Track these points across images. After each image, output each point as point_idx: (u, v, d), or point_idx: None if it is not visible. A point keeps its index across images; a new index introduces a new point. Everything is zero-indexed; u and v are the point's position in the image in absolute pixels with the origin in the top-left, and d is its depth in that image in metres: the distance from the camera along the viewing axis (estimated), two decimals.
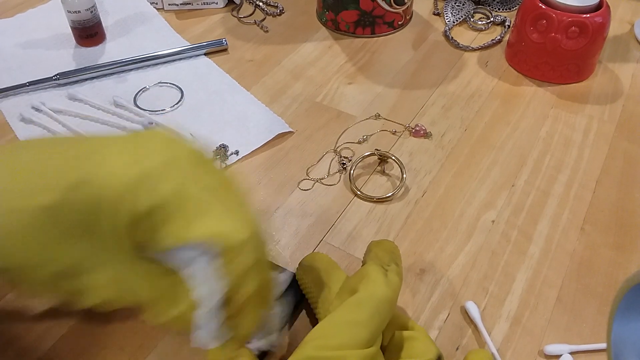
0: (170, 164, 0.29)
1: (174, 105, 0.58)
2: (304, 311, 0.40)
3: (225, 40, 0.65)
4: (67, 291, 0.31)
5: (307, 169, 0.51)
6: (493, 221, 0.47)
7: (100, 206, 0.28)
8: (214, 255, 0.29)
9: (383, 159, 0.51)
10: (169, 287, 0.31)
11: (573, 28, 0.57)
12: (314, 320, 0.38)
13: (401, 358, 0.32)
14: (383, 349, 0.33)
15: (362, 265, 0.37)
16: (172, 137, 0.31)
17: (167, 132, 0.31)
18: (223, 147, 0.52)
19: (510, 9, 0.74)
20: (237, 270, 0.29)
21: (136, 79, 0.61)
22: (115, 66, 0.61)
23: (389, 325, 0.34)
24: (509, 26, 0.70)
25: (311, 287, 0.38)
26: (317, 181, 0.50)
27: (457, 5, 0.73)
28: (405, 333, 0.34)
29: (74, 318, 0.39)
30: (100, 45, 0.66)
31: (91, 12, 0.63)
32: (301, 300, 0.39)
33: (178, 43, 0.66)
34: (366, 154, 0.51)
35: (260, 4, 0.74)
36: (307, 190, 0.49)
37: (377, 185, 0.50)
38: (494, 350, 0.37)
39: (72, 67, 0.61)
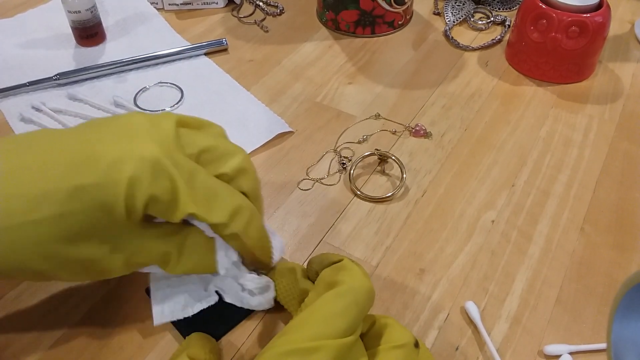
0: (161, 153, 0.31)
1: (174, 105, 0.58)
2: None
3: (225, 40, 0.65)
4: (87, 276, 0.33)
5: (307, 169, 0.51)
6: (493, 221, 0.47)
7: (102, 205, 0.30)
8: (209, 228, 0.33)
9: (383, 159, 0.51)
10: (182, 239, 0.34)
11: (573, 28, 0.57)
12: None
13: (381, 344, 0.32)
14: (361, 337, 0.33)
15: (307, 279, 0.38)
16: (154, 121, 0.33)
17: (146, 116, 0.33)
18: None
19: (510, 8, 0.74)
20: (232, 235, 0.33)
21: (136, 79, 0.61)
22: (115, 66, 0.61)
23: (367, 315, 0.33)
24: (509, 26, 0.70)
25: (285, 290, 0.38)
26: (317, 181, 0.50)
27: (457, 5, 0.73)
28: (382, 320, 0.33)
29: (73, 318, 0.39)
30: (100, 45, 0.66)
31: (91, 12, 0.63)
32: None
33: (178, 43, 0.66)
34: (366, 154, 0.51)
35: (261, 3, 0.74)
36: (307, 190, 0.49)
37: (377, 185, 0.50)
38: (494, 351, 0.37)
39: (72, 67, 0.61)
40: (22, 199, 0.29)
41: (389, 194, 0.48)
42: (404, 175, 0.49)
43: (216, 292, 0.37)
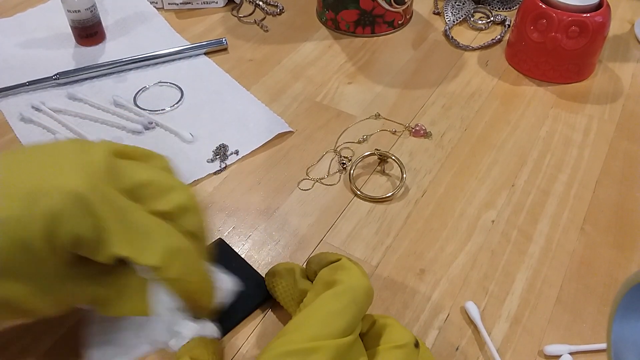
0: (92, 185, 0.28)
1: (173, 105, 0.58)
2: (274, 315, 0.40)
3: (225, 40, 0.65)
4: (13, 316, 0.31)
5: (307, 169, 0.51)
6: (493, 221, 0.46)
7: (20, 241, 0.27)
8: (143, 269, 0.30)
9: (383, 158, 0.51)
10: (115, 281, 0.32)
11: (573, 27, 0.57)
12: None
13: (381, 344, 0.32)
14: (361, 336, 0.33)
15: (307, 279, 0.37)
16: (85, 149, 0.30)
17: (77, 144, 0.30)
18: (223, 147, 0.52)
19: (510, 8, 0.74)
20: (168, 279, 0.31)
21: (136, 78, 0.61)
22: (115, 66, 0.61)
23: (366, 314, 0.33)
24: (509, 26, 0.70)
25: (284, 290, 0.38)
26: (317, 181, 0.50)
27: (457, 5, 0.73)
28: (382, 320, 0.33)
29: (73, 318, 0.39)
30: (100, 44, 0.66)
31: (91, 11, 0.63)
32: (264, 300, 0.40)
33: (178, 42, 0.66)
34: (366, 153, 0.51)
35: (260, 3, 0.74)
36: (307, 190, 0.49)
37: (377, 185, 0.50)
38: (494, 351, 0.37)
39: (72, 67, 0.61)
40: None
41: (389, 194, 0.48)
42: (404, 175, 0.49)
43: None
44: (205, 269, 0.34)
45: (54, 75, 0.59)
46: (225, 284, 0.38)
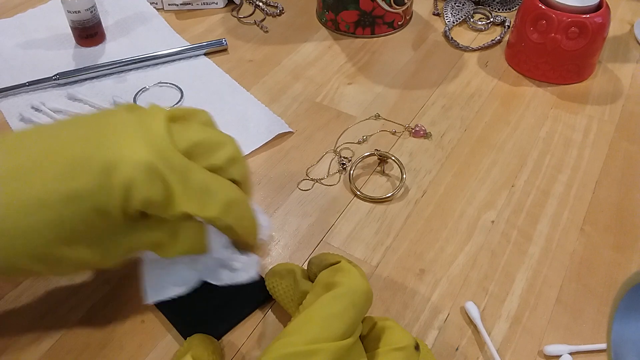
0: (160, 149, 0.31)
1: (173, 106, 0.58)
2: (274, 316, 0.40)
3: (225, 41, 0.65)
4: (82, 271, 0.37)
5: (307, 169, 0.51)
6: (493, 221, 0.47)
7: (97, 211, 0.30)
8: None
9: (383, 159, 0.51)
10: (174, 225, 0.34)
11: (573, 28, 0.57)
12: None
13: (381, 347, 0.32)
14: (362, 339, 0.33)
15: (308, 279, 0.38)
16: (143, 120, 0.33)
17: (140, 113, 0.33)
18: None
19: (510, 9, 0.74)
20: (225, 227, 0.34)
21: (136, 79, 0.61)
22: (115, 66, 0.61)
23: (366, 317, 0.33)
24: (508, 26, 0.70)
25: (284, 291, 0.38)
26: (316, 181, 0.50)
27: (457, 6, 0.73)
28: (382, 322, 0.33)
29: (73, 318, 0.39)
30: (100, 45, 0.66)
31: (91, 12, 0.63)
32: (264, 300, 0.40)
33: (178, 43, 0.66)
34: (366, 154, 0.51)
35: (260, 4, 0.74)
36: (307, 190, 0.49)
37: (377, 185, 0.50)
38: (494, 351, 0.37)
39: (72, 67, 0.61)
40: (17, 204, 0.29)
41: (389, 194, 0.48)
42: (404, 176, 0.49)
43: (203, 278, 0.38)
44: (253, 212, 0.37)
45: (54, 76, 0.59)
46: (265, 223, 0.41)
